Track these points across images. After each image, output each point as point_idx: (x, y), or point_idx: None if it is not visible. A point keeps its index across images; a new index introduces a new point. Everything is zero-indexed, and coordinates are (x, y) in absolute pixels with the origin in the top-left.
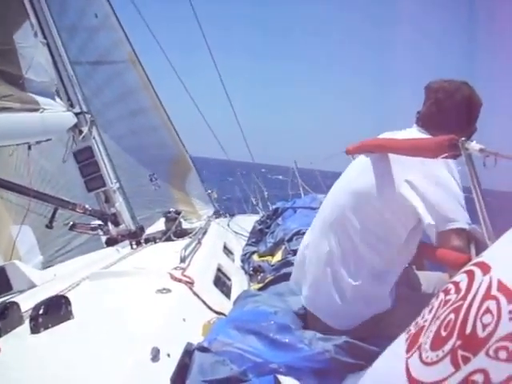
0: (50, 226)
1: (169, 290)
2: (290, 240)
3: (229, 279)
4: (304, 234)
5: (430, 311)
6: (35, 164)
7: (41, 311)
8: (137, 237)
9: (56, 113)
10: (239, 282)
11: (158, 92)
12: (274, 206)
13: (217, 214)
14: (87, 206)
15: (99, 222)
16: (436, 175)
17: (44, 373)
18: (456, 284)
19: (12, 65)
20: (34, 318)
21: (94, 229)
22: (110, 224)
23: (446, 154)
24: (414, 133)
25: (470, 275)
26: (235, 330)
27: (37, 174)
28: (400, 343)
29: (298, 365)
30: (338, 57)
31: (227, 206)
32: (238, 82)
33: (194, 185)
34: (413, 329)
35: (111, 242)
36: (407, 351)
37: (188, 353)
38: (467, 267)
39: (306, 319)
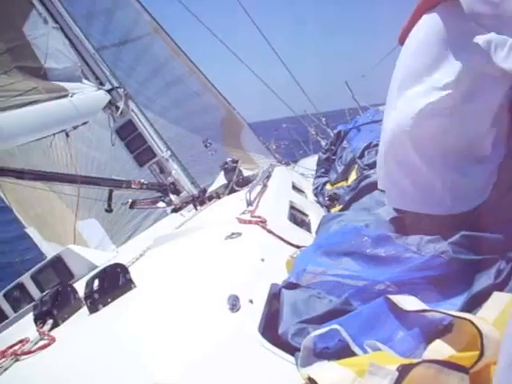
0: (109, 209)
1: (239, 234)
2: (361, 157)
3: (306, 215)
4: (375, 146)
5: None
6: (86, 156)
7: (95, 286)
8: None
9: (86, 94)
10: (317, 216)
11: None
12: (335, 131)
13: (280, 163)
14: (143, 181)
15: (159, 195)
16: None
17: (107, 353)
18: None
19: (29, 58)
20: (88, 296)
21: (154, 202)
22: (171, 194)
23: None
24: None
25: None
26: (325, 257)
27: (90, 166)
28: None
29: (409, 277)
30: None
31: (288, 153)
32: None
33: (250, 140)
34: None
35: (177, 211)
36: None
37: (274, 295)
38: None
39: (404, 225)
